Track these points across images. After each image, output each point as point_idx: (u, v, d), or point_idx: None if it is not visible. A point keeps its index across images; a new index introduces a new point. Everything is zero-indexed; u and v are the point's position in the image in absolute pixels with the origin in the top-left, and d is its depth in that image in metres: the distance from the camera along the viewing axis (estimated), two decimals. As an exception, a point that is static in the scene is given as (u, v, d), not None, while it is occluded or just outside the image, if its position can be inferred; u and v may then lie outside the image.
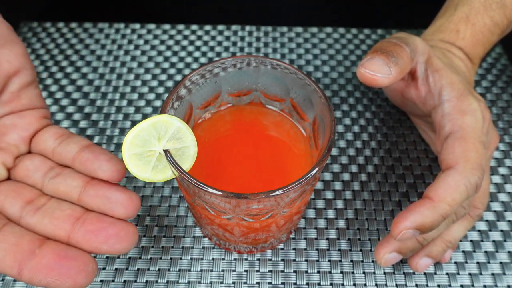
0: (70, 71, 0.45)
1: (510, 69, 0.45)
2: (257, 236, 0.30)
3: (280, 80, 0.31)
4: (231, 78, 0.31)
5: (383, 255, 0.30)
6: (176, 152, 0.26)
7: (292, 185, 0.23)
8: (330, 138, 0.26)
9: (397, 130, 0.41)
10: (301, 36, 0.48)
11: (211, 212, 0.27)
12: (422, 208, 0.27)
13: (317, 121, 0.29)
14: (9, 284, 0.32)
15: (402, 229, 0.27)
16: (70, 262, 0.23)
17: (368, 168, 0.38)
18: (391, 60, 0.28)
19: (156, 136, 0.26)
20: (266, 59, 0.30)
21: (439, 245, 0.31)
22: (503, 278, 0.32)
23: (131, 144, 0.25)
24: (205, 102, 0.32)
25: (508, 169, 0.38)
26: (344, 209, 0.36)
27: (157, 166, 0.26)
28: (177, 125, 0.26)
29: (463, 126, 0.29)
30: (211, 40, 0.48)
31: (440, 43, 0.36)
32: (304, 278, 0.32)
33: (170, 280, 0.32)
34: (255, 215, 0.26)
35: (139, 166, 0.25)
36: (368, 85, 0.29)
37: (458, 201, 0.27)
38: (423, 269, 0.31)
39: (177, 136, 0.26)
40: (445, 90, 0.31)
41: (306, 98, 0.30)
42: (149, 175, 0.26)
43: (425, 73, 0.32)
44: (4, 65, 0.26)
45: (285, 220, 0.29)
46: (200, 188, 0.24)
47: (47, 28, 0.48)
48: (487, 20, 0.35)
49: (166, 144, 0.26)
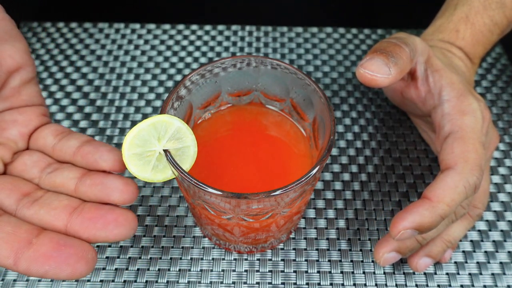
0: (70, 71, 0.45)
1: (510, 69, 0.45)
2: (257, 236, 0.30)
3: (280, 80, 0.31)
4: (231, 78, 0.31)
5: (382, 255, 0.30)
6: (176, 152, 0.26)
7: (292, 185, 0.23)
8: (330, 138, 0.26)
9: (397, 130, 0.41)
10: (301, 36, 0.48)
11: (211, 212, 0.27)
12: (421, 209, 0.27)
13: (317, 121, 0.29)
14: (9, 284, 0.32)
15: (401, 229, 0.27)
16: (69, 250, 0.22)
17: (368, 168, 0.38)
18: (390, 61, 0.28)
19: (156, 136, 0.26)
20: (266, 59, 0.30)
21: (439, 245, 0.31)
22: (503, 278, 0.32)
23: (131, 144, 0.25)
24: (205, 102, 0.32)
25: (508, 169, 0.38)
26: (344, 209, 0.36)
27: (157, 166, 0.26)
28: (177, 125, 0.26)
29: (463, 126, 0.29)
30: (211, 40, 0.48)
31: (440, 43, 0.36)
32: (304, 278, 0.32)
33: (170, 280, 0.32)
34: (255, 215, 0.26)
35: (139, 166, 0.25)
36: (367, 86, 0.29)
37: (457, 201, 0.27)
38: (422, 269, 0.31)
39: (177, 136, 0.26)
40: (445, 90, 0.31)
41: (306, 98, 0.30)
42: (149, 175, 0.26)
43: (425, 73, 0.32)
44: (6, 60, 0.26)
45: (285, 220, 0.29)
46: (200, 188, 0.24)
47: (47, 28, 0.48)
48: (486, 19, 0.35)
49: (166, 144, 0.26)
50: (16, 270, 0.22)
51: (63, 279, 0.22)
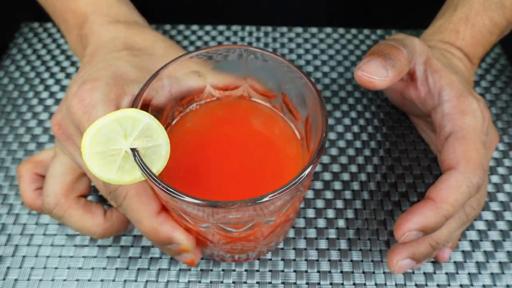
0: (71, 71, 0.45)
1: (509, 69, 0.46)
2: (240, 245, 0.28)
3: (270, 73, 0.28)
4: (216, 70, 0.28)
5: (397, 262, 0.29)
6: (145, 152, 0.23)
7: (276, 192, 0.21)
8: (321, 138, 0.23)
9: (396, 130, 0.41)
10: (301, 37, 0.49)
11: (188, 220, 0.25)
12: (425, 209, 0.27)
13: (310, 121, 0.27)
14: (11, 283, 0.32)
15: (406, 231, 0.27)
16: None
17: (368, 168, 0.38)
18: (388, 63, 0.28)
19: (122, 133, 0.23)
20: (255, 49, 0.27)
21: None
22: (502, 277, 0.33)
23: (92, 141, 0.23)
24: (187, 96, 0.29)
25: (507, 169, 0.38)
26: (344, 209, 0.36)
27: (123, 167, 0.23)
28: (146, 121, 0.23)
29: (464, 126, 0.29)
30: (211, 40, 0.48)
31: (440, 43, 0.36)
32: (304, 278, 0.32)
33: (170, 280, 0.32)
34: (234, 224, 0.24)
35: (102, 166, 0.23)
36: (365, 88, 0.29)
37: (460, 201, 0.27)
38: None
39: (147, 134, 0.23)
40: (444, 91, 0.31)
41: (298, 94, 0.28)
42: (114, 176, 0.23)
43: (425, 74, 0.32)
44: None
45: (271, 229, 0.27)
46: (170, 194, 0.21)
47: (48, 29, 0.48)
48: (486, 20, 0.36)
49: (134, 142, 0.23)
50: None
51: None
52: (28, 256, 0.33)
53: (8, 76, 0.44)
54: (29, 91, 0.43)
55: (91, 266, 0.33)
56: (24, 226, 0.34)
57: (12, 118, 0.41)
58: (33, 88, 0.43)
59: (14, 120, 0.41)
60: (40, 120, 0.41)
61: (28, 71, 0.45)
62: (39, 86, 0.43)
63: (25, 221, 0.35)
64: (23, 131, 0.40)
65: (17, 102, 0.42)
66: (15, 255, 0.33)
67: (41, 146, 0.39)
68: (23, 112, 0.41)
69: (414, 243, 0.29)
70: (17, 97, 0.43)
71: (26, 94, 0.43)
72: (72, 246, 0.33)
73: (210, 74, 0.29)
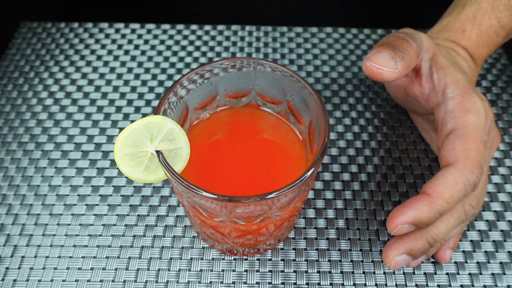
0: (70, 71, 0.45)
1: (510, 69, 0.45)
2: (250, 238, 0.30)
3: (276, 83, 0.30)
4: (228, 80, 0.31)
5: (393, 257, 0.29)
6: (168, 153, 0.26)
7: (284, 189, 0.23)
8: (324, 142, 0.25)
9: (397, 130, 0.41)
10: (301, 36, 0.48)
11: (203, 214, 0.27)
12: (419, 204, 0.27)
13: (313, 125, 0.29)
14: (9, 283, 0.32)
15: (399, 224, 0.27)
16: None
17: (368, 168, 0.38)
18: (397, 55, 0.28)
19: (149, 137, 0.26)
20: (264, 61, 0.29)
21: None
22: (503, 278, 0.32)
23: (123, 144, 0.25)
24: (201, 103, 0.31)
25: (508, 169, 0.38)
26: (344, 209, 0.36)
27: (149, 167, 0.26)
28: (170, 126, 0.26)
29: (466, 124, 0.29)
30: (211, 40, 0.48)
31: (445, 41, 0.36)
32: (304, 278, 0.32)
33: (170, 280, 0.32)
34: (247, 218, 0.26)
35: (131, 166, 0.25)
36: (373, 79, 0.28)
37: (456, 198, 0.27)
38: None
39: (170, 137, 0.26)
40: (449, 88, 0.31)
41: (302, 101, 0.30)
42: (141, 175, 0.26)
43: (430, 70, 0.32)
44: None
45: (279, 223, 0.29)
46: (190, 190, 0.24)
47: (47, 28, 0.48)
48: (493, 21, 0.35)
49: (158, 145, 0.26)
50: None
51: None
52: (27, 257, 0.33)
53: (7, 76, 0.44)
54: (28, 91, 0.43)
55: (90, 267, 0.32)
56: (23, 227, 0.34)
57: (11, 118, 0.41)
58: (32, 87, 0.43)
59: (14, 120, 0.41)
60: (39, 120, 0.41)
61: (27, 71, 0.45)
62: (38, 86, 0.43)
63: (24, 221, 0.35)
64: (22, 131, 0.40)
65: (16, 102, 0.42)
66: (13, 256, 0.33)
67: (40, 146, 0.39)
68: (22, 112, 0.41)
69: (411, 239, 0.29)
70: (16, 96, 0.42)
71: (25, 94, 0.43)
72: (71, 247, 0.33)
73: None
